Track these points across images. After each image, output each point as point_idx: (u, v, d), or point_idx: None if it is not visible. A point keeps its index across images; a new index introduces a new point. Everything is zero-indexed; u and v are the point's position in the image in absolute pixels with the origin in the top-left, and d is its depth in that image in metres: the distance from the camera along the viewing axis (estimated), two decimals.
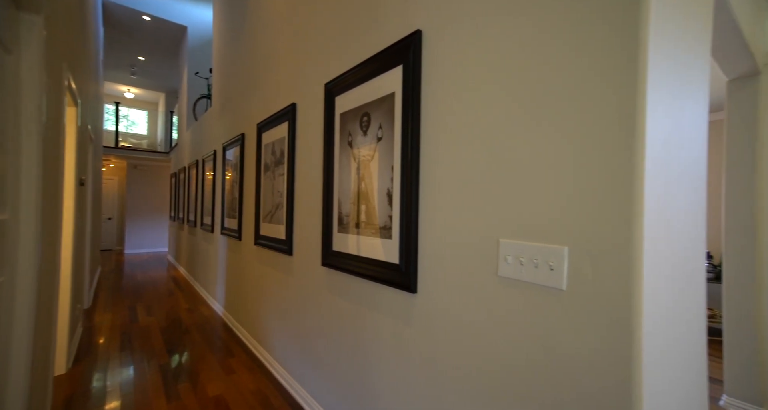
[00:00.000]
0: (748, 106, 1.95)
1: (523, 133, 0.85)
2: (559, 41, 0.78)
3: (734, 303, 1.99)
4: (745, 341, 1.95)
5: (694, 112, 0.92)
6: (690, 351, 0.91)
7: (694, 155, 0.91)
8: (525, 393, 0.83)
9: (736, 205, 2.00)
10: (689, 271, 0.92)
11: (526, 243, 0.84)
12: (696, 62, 0.89)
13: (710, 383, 2.29)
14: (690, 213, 0.92)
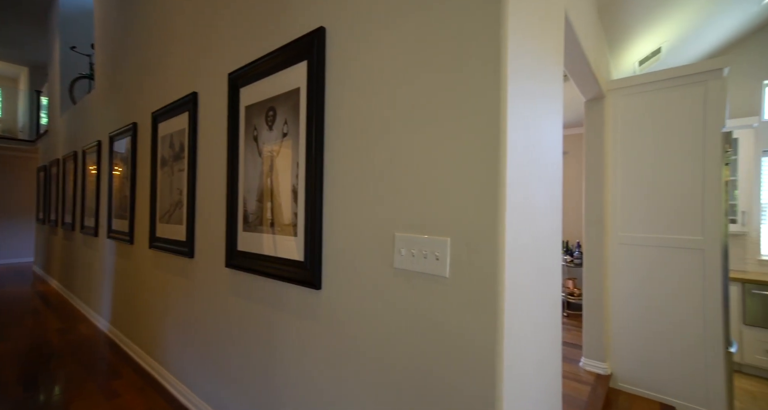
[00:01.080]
0: (599, 122, 2.42)
1: (414, 135, 0.93)
2: (443, 57, 0.88)
3: (590, 282, 2.46)
4: (596, 313, 2.42)
5: (552, 125, 1.12)
6: (547, 322, 1.10)
7: (551, 160, 1.11)
8: (418, 371, 0.91)
9: (591, 202, 2.46)
10: (548, 256, 1.11)
11: (417, 236, 0.92)
12: (551, 88, 1.09)
13: (574, 348, 2.79)
14: (549, 208, 1.12)
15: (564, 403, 2.01)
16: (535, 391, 0.96)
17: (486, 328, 0.79)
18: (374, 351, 1.00)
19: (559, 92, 1.18)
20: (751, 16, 2.91)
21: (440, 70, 0.88)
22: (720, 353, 2.03)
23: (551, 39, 1.12)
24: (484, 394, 0.78)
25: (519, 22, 0.85)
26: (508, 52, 0.78)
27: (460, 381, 0.82)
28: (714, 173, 2.05)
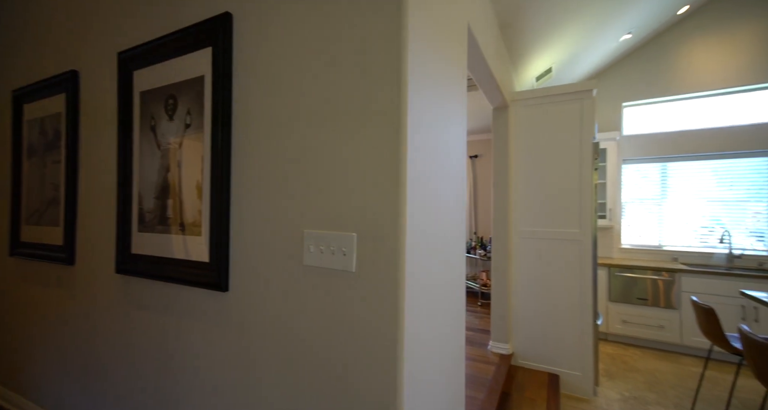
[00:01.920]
0: (504, 128, 2.71)
1: (321, 132, 0.93)
2: (347, 57, 0.90)
3: (497, 273, 2.75)
4: (502, 299, 2.72)
5: (455, 126, 1.22)
6: (451, 310, 1.20)
7: (455, 159, 1.21)
8: (330, 367, 0.91)
9: (498, 201, 2.75)
10: (452, 250, 1.21)
11: (325, 232, 0.92)
12: (455, 92, 1.19)
13: (485, 334, 3.08)
14: (453, 204, 1.22)
15: (472, 384, 2.21)
16: (437, 374, 1.05)
17: (388, 319, 0.83)
18: (286, 351, 0.98)
19: (462, 96, 1.29)
20: (612, 50, 3.55)
21: (345, 69, 0.90)
22: (590, 325, 2.45)
23: (454, 47, 1.22)
24: (387, 382, 0.82)
25: (420, 26, 0.91)
26: (408, 54, 0.83)
27: (367, 370, 0.85)
28: (587, 177, 2.46)
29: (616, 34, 3.20)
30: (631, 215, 3.91)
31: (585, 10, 2.56)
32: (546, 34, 2.65)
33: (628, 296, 3.41)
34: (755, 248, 3.37)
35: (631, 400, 2.42)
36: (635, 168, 3.89)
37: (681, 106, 3.74)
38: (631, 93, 3.88)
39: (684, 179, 3.67)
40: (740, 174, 3.46)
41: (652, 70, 3.77)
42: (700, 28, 3.56)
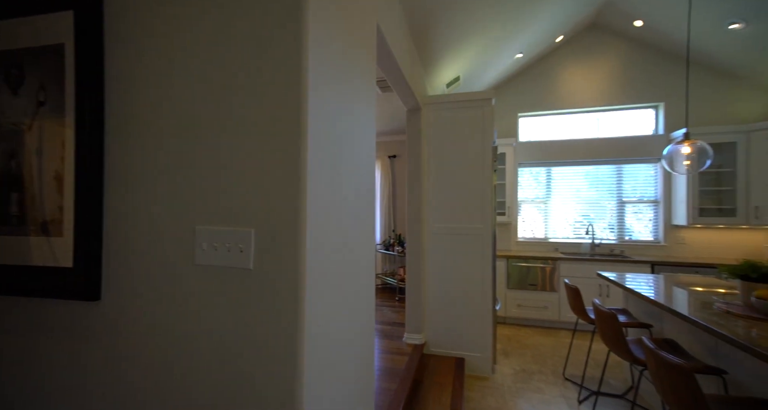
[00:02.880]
0: (417, 130, 2.86)
1: (216, 122, 0.86)
2: (246, 42, 0.84)
3: (411, 268, 2.89)
4: (416, 292, 2.87)
5: (363, 123, 1.24)
6: (359, 306, 1.21)
7: (363, 155, 1.23)
8: (227, 374, 0.84)
9: (413, 199, 2.89)
10: (360, 246, 1.22)
11: (220, 228, 0.85)
12: (362, 89, 1.20)
13: (400, 327, 3.22)
14: (361, 200, 1.23)
15: (388, 375, 2.29)
16: (345, 370, 1.05)
17: (289, 316, 0.80)
18: (176, 362, 0.87)
19: (371, 93, 1.32)
20: (509, 66, 4.03)
21: (244, 55, 0.84)
22: (489, 311, 2.75)
23: (362, 45, 1.24)
24: (287, 380, 0.79)
25: (323, 17, 0.90)
26: (308, 40, 0.81)
27: (266, 370, 0.81)
28: (488, 177, 2.75)
29: (510, 53, 3.63)
30: (525, 212, 4.49)
31: (486, 26, 2.84)
32: (454, 44, 2.87)
33: (523, 283, 3.91)
34: (609, 238, 4.18)
35: (520, 373, 2.78)
36: (528, 171, 4.47)
37: (563, 119, 4.43)
38: (525, 105, 4.45)
39: (564, 181, 4.36)
40: (601, 178, 4.24)
41: (540, 86, 4.39)
42: (572, 54, 4.26)
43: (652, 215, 4.08)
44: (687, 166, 2.26)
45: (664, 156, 2.37)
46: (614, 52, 4.14)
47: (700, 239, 3.84)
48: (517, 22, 3.03)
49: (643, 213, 4.12)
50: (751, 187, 3.42)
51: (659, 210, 4.02)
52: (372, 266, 1.35)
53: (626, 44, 4.09)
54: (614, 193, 4.20)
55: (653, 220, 4.08)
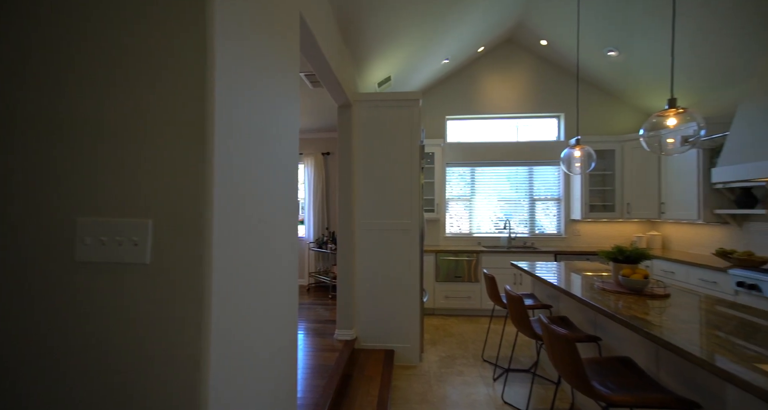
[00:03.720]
0: (348, 127, 2.87)
1: (108, 94, 0.77)
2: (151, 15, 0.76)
3: (342, 264, 2.89)
4: (347, 288, 2.88)
5: (286, 114, 1.21)
6: (280, 301, 1.18)
7: (285, 146, 1.20)
8: (121, 379, 0.75)
9: (343, 195, 2.90)
10: (281, 241, 1.19)
11: (109, 220, 0.76)
12: (284, 79, 1.17)
13: (333, 324, 3.20)
14: (282, 194, 1.20)
15: (319, 372, 2.26)
16: (259, 375, 1.01)
17: (192, 315, 0.75)
18: (48, 375, 0.76)
19: (293, 84, 1.29)
20: (437, 70, 4.27)
21: (149, 26, 0.76)
22: (417, 303, 2.88)
23: (282, 34, 1.21)
24: (190, 383, 0.74)
25: (231, 5, 0.86)
26: (215, 27, 0.77)
27: (166, 375, 0.75)
28: (416, 175, 2.88)
29: (438, 58, 3.85)
30: (452, 209, 4.79)
31: (412, 29, 2.97)
32: (384, 43, 2.94)
33: (450, 275, 4.17)
34: (523, 232, 4.68)
35: (445, 359, 2.97)
36: (455, 170, 4.78)
37: (487, 123, 4.82)
38: (452, 108, 4.74)
39: (486, 181, 4.75)
40: (517, 178, 4.72)
41: (466, 91, 4.72)
42: (493, 65, 4.67)
43: (556, 211, 4.67)
44: (578, 167, 2.63)
45: (562, 158, 2.74)
46: (526, 66, 4.63)
47: (590, 231, 4.50)
48: (440, 29, 3.21)
49: (550, 210, 4.69)
50: (625, 187, 4.12)
51: (561, 207, 4.61)
52: (295, 264, 1.33)
53: (535, 60, 4.61)
54: (527, 192, 4.70)
55: (557, 216, 4.66)
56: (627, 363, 1.56)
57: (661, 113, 1.67)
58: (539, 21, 3.88)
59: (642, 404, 1.25)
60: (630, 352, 1.73)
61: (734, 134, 2.69)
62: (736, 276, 2.54)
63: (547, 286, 2.53)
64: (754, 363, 1.03)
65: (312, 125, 4.77)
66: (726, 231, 3.35)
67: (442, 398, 2.35)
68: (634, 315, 1.51)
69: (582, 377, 1.32)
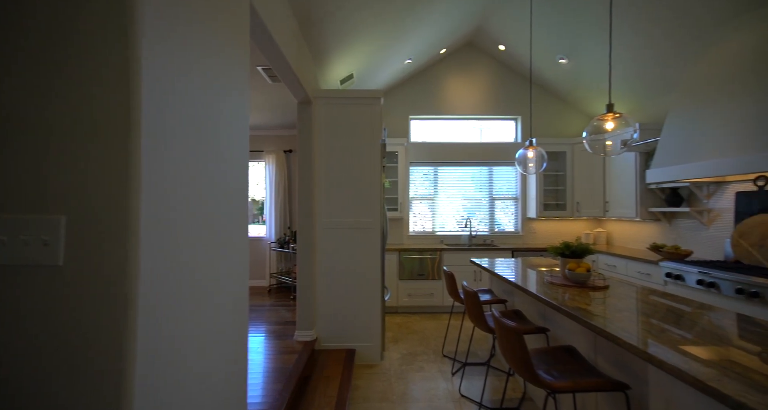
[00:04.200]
0: (308, 123, 2.81)
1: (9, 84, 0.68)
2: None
3: (302, 264, 2.82)
4: (307, 289, 2.82)
5: (233, 106, 1.15)
6: (226, 309, 1.12)
7: (233, 140, 1.14)
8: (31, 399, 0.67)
9: (304, 194, 2.83)
10: (228, 241, 1.13)
11: (12, 216, 0.68)
12: (231, 69, 1.11)
13: (292, 326, 3.12)
14: (229, 191, 1.14)
15: (277, 376, 2.19)
16: (199, 381, 0.96)
17: (115, 323, 0.69)
18: None
19: (241, 75, 1.23)
20: (400, 70, 4.30)
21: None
22: (378, 301, 2.88)
23: (227, 22, 1.14)
24: (114, 404, 0.68)
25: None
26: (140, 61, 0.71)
27: (83, 392, 0.68)
28: (377, 173, 2.88)
29: (400, 57, 3.87)
30: (416, 208, 4.85)
31: (374, 27, 2.96)
32: (345, 40, 2.91)
33: (413, 273, 4.22)
34: (483, 230, 4.84)
35: (407, 356, 3.00)
36: (419, 170, 4.85)
37: (450, 124, 4.93)
38: (416, 108, 4.80)
39: (449, 180, 4.86)
40: (478, 178, 4.87)
41: (429, 92, 4.79)
42: (455, 67, 4.78)
43: (514, 210, 4.87)
44: (532, 167, 2.76)
45: (517, 159, 2.86)
46: (486, 69, 4.80)
47: (545, 228, 4.76)
48: (402, 29, 3.24)
49: (508, 208, 4.89)
50: (575, 187, 4.40)
51: (518, 206, 4.83)
52: (244, 265, 1.27)
53: (495, 63, 4.79)
54: (487, 191, 4.87)
55: (514, 214, 4.87)
56: (570, 351, 1.66)
57: (600, 117, 1.80)
58: (497, 26, 4.03)
59: (581, 388, 1.33)
60: (573, 341, 1.84)
61: (664, 139, 2.95)
62: (666, 268, 2.79)
63: (502, 281, 2.63)
64: (677, 346, 1.12)
65: (273, 121, 4.63)
66: (659, 227, 3.67)
67: (401, 395, 2.36)
68: (576, 306, 1.61)
69: (528, 367, 1.38)
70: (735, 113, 2.41)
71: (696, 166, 2.56)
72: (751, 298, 2.14)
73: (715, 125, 2.53)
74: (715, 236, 3.03)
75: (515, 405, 2.22)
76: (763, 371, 0.92)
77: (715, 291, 2.37)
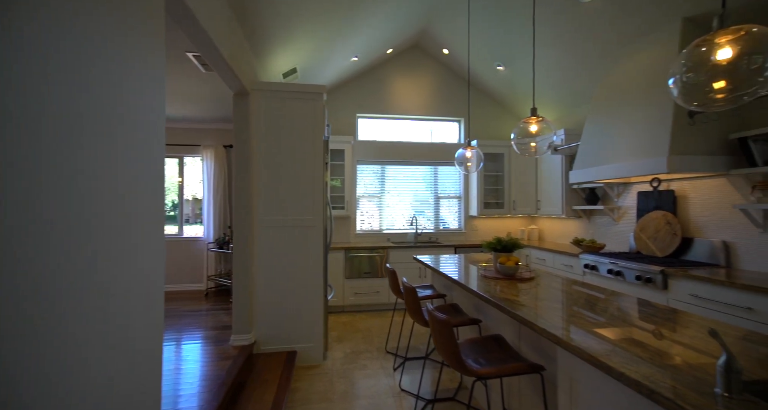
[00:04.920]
0: (245, 116, 2.67)
1: None
2: None
3: (239, 264, 2.67)
4: (244, 290, 2.67)
5: (145, 105, 1.04)
6: (132, 315, 1.01)
7: (141, 125, 1.03)
8: None
9: (240, 191, 2.68)
10: (131, 244, 1.02)
11: None
12: (138, 46, 1.00)
13: (230, 330, 2.95)
14: (135, 182, 1.03)
15: (212, 384, 2.04)
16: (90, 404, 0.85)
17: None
18: None
19: (155, 59, 1.12)
20: (347, 67, 4.27)
21: None
22: (321, 301, 2.83)
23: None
24: None
25: None
26: None
27: None
28: (319, 171, 2.82)
29: (347, 54, 3.84)
30: (363, 206, 4.84)
31: (317, 20, 2.89)
32: (286, 32, 2.80)
33: (359, 272, 4.21)
34: (429, 228, 4.99)
35: (350, 354, 2.98)
36: (366, 168, 4.85)
37: (399, 123, 4.99)
38: (363, 106, 4.80)
39: (396, 179, 4.92)
40: (424, 177, 5.00)
41: (377, 91, 4.81)
42: (402, 67, 4.86)
43: (457, 208, 5.09)
44: (470, 167, 2.90)
45: (456, 158, 2.98)
46: (432, 71, 4.94)
47: (486, 226, 5.03)
48: (347, 25, 3.21)
49: (452, 207, 5.09)
50: (512, 186, 4.72)
51: (461, 204, 5.05)
52: (157, 271, 1.16)
53: (439, 66, 4.95)
54: (433, 190, 5.02)
55: (458, 212, 5.09)
56: (498, 339, 1.76)
57: (526, 120, 1.94)
58: (440, 31, 4.17)
59: (504, 373, 1.42)
60: (502, 330, 1.96)
61: (582, 144, 3.28)
62: (584, 260, 3.10)
63: (442, 277, 2.72)
64: (583, 328, 1.24)
65: (212, 114, 4.33)
66: (581, 223, 4.07)
67: (343, 394, 2.34)
68: (504, 297, 1.71)
69: (457, 356, 1.44)
70: (635, 122, 2.74)
71: (606, 169, 2.87)
72: (646, 283, 2.45)
73: (621, 132, 2.86)
74: (623, 230, 3.43)
75: (451, 395, 2.31)
76: (648, 346, 1.05)
77: (621, 278, 2.68)
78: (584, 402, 1.12)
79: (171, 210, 5.50)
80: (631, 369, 0.88)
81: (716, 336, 0.76)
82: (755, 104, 2.31)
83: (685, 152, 2.37)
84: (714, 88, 0.91)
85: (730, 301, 1.99)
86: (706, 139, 2.41)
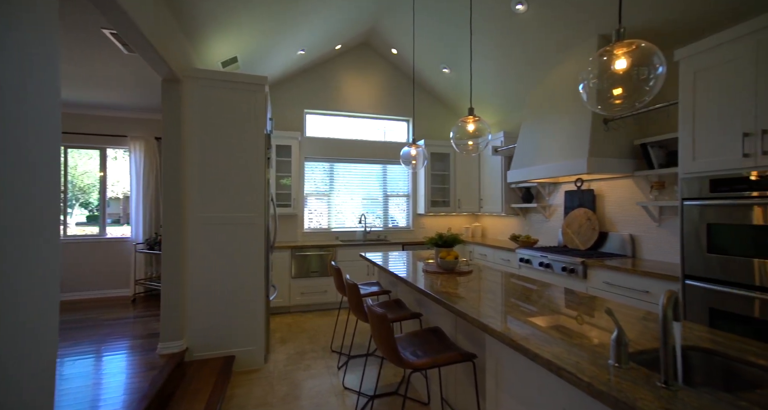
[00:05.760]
0: (176, 105, 2.46)
1: None
2: None
3: (168, 265, 2.45)
4: (174, 293, 2.46)
5: (39, 98, 0.89)
6: (34, 310, 0.87)
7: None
8: None
9: (170, 185, 2.46)
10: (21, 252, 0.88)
11: None
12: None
13: (157, 338, 2.70)
14: (31, 194, 0.89)
15: (137, 398, 1.84)
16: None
17: None
18: None
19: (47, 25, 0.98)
20: (294, 61, 4.14)
21: None
22: (262, 302, 2.70)
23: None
24: None
25: None
26: None
27: None
28: (261, 165, 2.69)
29: (293, 47, 3.72)
30: (311, 204, 4.73)
31: (260, 8, 2.76)
32: (224, 14, 2.63)
33: (306, 271, 4.10)
34: (377, 226, 5.01)
35: (294, 356, 2.89)
36: (314, 165, 4.73)
37: (349, 121, 4.94)
38: (311, 102, 4.68)
39: (345, 177, 4.87)
40: (373, 175, 5.02)
41: (325, 87, 4.72)
42: (351, 64, 4.83)
43: (405, 206, 5.18)
44: (414, 165, 2.96)
45: (402, 157, 3.03)
46: (381, 70, 4.97)
47: (433, 223, 5.18)
48: (292, 15, 3.10)
49: (401, 205, 5.17)
50: (457, 185, 4.91)
51: (410, 202, 5.15)
52: (50, 277, 1.01)
53: (388, 66, 5.00)
54: (382, 188, 5.06)
55: (406, 210, 5.18)
56: (436, 331, 1.81)
57: (463, 119, 2.02)
58: (388, 30, 4.21)
59: (439, 363, 1.46)
60: (440, 322, 2.02)
61: (518, 146, 3.52)
62: (520, 254, 3.32)
63: (386, 273, 2.75)
64: (511, 316, 1.31)
65: (140, 102, 3.94)
66: (518, 220, 4.36)
67: (284, 396, 2.26)
68: (442, 291, 1.76)
69: (393, 349, 1.45)
70: (562, 127, 3.00)
71: (537, 169, 3.11)
72: (570, 274, 2.69)
73: (550, 136, 3.12)
74: (554, 226, 3.74)
75: (394, 389, 2.33)
76: (563, 328, 1.15)
77: (550, 270, 2.91)
78: (508, 384, 1.19)
79: (94, 210, 4.94)
80: (544, 350, 0.95)
81: (611, 315, 0.84)
82: (653, 114, 2.64)
83: (601, 155, 2.64)
84: (613, 94, 1.01)
85: (633, 287, 2.25)
86: (617, 144, 2.71)
